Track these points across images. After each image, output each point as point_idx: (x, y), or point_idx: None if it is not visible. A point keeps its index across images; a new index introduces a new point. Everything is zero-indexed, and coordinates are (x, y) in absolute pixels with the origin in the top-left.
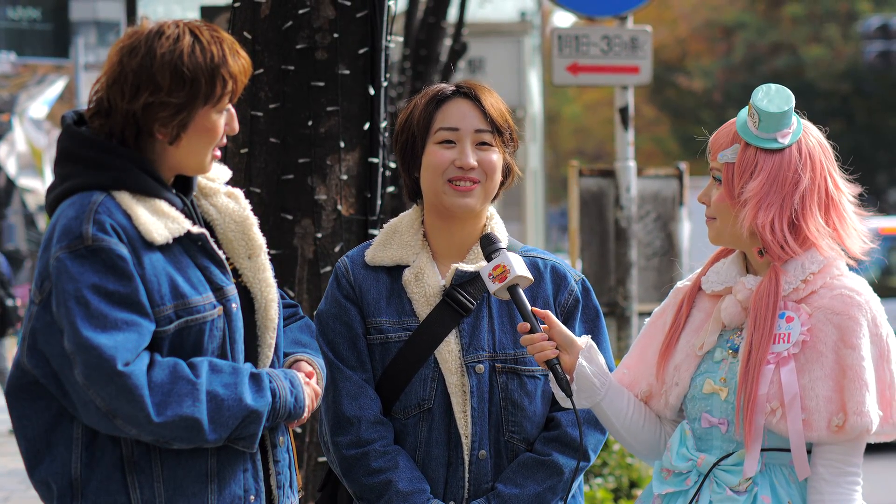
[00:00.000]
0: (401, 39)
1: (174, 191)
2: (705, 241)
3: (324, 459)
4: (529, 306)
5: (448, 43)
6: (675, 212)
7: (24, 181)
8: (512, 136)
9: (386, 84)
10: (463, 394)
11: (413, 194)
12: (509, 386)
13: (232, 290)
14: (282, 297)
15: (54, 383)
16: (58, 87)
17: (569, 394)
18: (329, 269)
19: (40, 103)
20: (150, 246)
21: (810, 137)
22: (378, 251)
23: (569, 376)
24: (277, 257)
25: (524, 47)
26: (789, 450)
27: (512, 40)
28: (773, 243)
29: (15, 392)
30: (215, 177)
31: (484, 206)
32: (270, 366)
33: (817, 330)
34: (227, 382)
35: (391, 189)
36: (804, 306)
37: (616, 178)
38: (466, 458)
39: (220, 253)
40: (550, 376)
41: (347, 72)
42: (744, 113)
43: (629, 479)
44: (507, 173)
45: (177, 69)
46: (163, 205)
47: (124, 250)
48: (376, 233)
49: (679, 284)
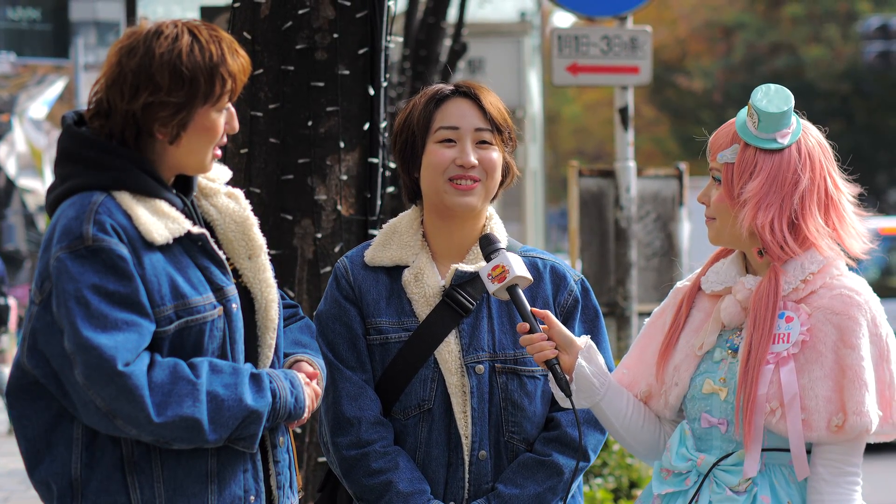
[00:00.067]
0: (400, 40)
1: (174, 191)
2: (705, 242)
3: (323, 460)
4: (529, 306)
5: (448, 43)
6: (674, 212)
7: (24, 181)
8: (511, 135)
9: (386, 84)
10: (463, 394)
11: (412, 195)
12: (509, 386)
13: (232, 290)
14: (282, 297)
15: (54, 383)
16: (57, 87)
17: (568, 394)
18: (329, 269)
19: (40, 104)
20: (151, 246)
21: (810, 137)
22: (377, 251)
23: (568, 376)
24: (277, 257)
25: (524, 47)
26: (789, 450)
27: (512, 40)
28: (773, 243)
29: (15, 392)
30: (215, 177)
31: (484, 206)
32: (270, 366)
33: (817, 330)
34: (228, 383)
35: (391, 189)
36: (804, 306)
37: (616, 178)
38: (466, 458)
39: (220, 253)
40: (550, 376)
41: (347, 72)
42: (743, 113)
43: (629, 480)
44: (505, 172)
45: (176, 69)
46: (163, 205)
47: (124, 250)
48: (376, 233)
49: (679, 284)
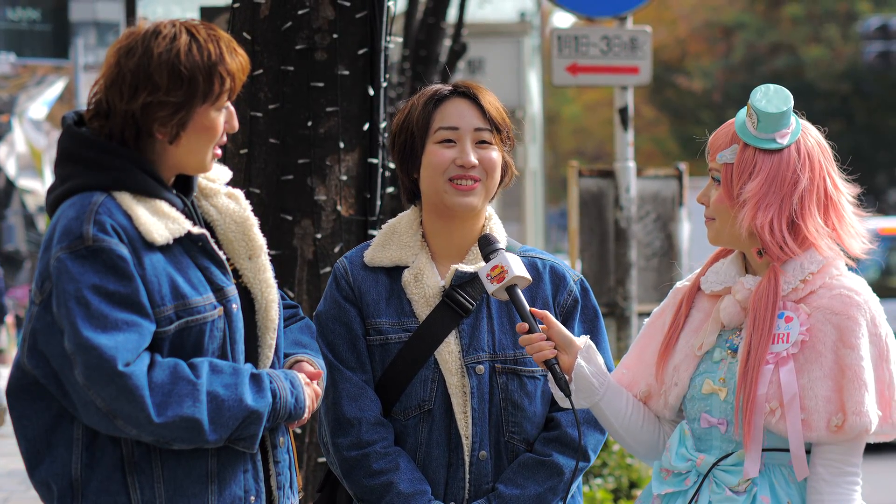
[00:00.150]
0: (400, 40)
1: (174, 191)
2: (705, 242)
3: (323, 460)
4: (528, 306)
5: (448, 43)
6: (674, 212)
7: (24, 182)
8: (509, 135)
9: (385, 85)
10: (463, 395)
11: (411, 195)
12: (509, 386)
13: (232, 290)
14: (282, 297)
15: (54, 384)
16: (57, 87)
17: (567, 394)
18: (329, 269)
19: (40, 104)
20: (151, 246)
21: (809, 138)
22: (377, 252)
23: (567, 376)
24: (277, 258)
25: (524, 48)
26: (788, 450)
27: (511, 41)
28: (772, 243)
29: (15, 392)
30: (216, 177)
31: (484, 206)
32: (271, 366)
33: (816, 330)
34: (228, 383)
35: (391, 189)
36: (803, 306)
37: (616, 178)
38: (467, 458)
39: (220, 253)
40: (549, 376)
41: (347, 72)
42: (742, 113)
43: (629, 480)
44: (504, 172)
45: (174, 68)
46: (163, 205)
47: (125, 251)
48: (376, 233)
49: (678, 284)
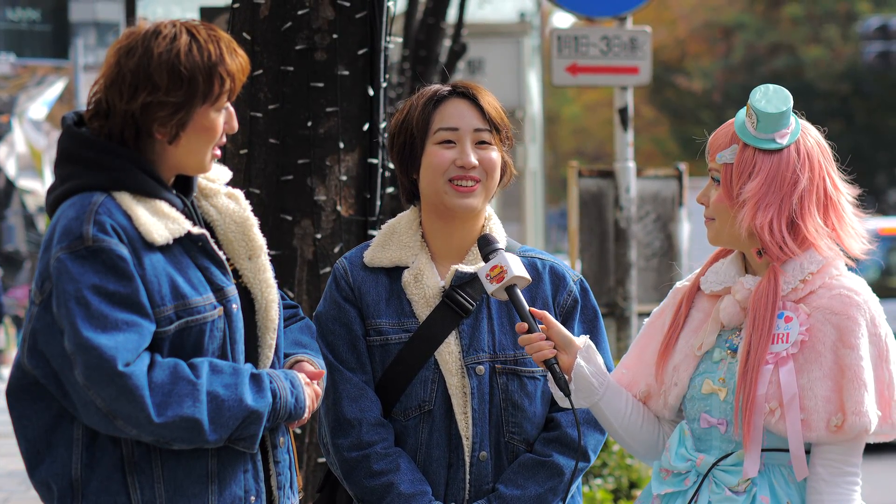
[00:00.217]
0: (400, 40)
1: (174, 191)
2: (705, 242)
3: (323, 460)
4: (527, 306)
5: (447, 44)
6: (674, 212)
7: (24, 182)
8: (508, 134)
9: (385, 85)
10: (463, 395)
11: (410, 195)
12: (509, 387)
13: (232, 290)
14: (282, 297)
15: (54, 384)
16: (57, 88)
17: (567, 393)
18: (328, 269)
19: (40, 104)
20: (151, 246)
21: (809, 138)
22: (377, 252)
23: (567, 376)
24: (277, 258)
25: (523, 48)
26: (788, 450)
27: (511, 41)
28: (772, 244)
29: (15, 393)
30: (215, 177)
31: (484, 206)
32: (271, 367)
33: (816, 330)
34: (228, 383)
35: (391, 190)
36: (803, 306)
37: (615, 178)
38: (467, 459)
39: (220, 253)
40: (549, 376)
41: (347, 72)
42: (742, 113)
43: (629, 480)
44: (503, 171)
45: (174, 68)
46: (163, 205)
47: (125, 251)
48: (376, 233)
49: (678, 285)
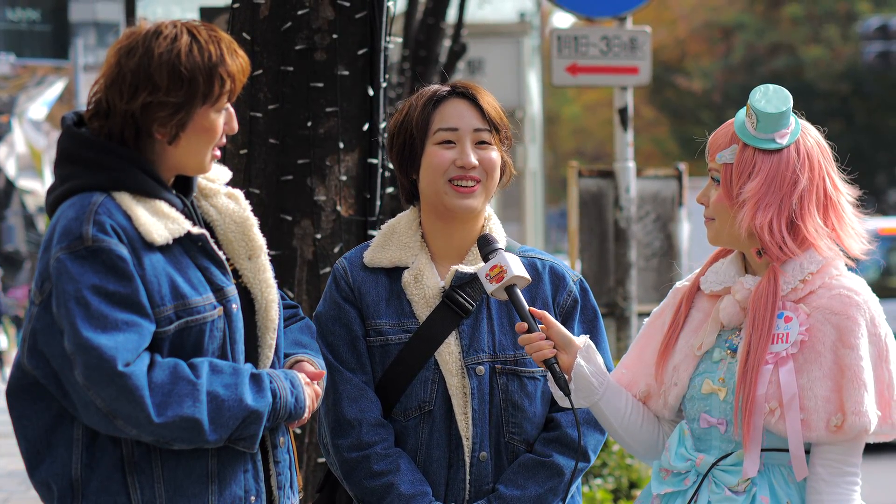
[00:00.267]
0: (400, 40)
1: (174, 191)
2: (704, 242)
3: (323, 460)
4: (527, 306)
5: (447, 44)
6: (674, 212)
7: (24, 182)
8: (507, 134)
9: (385, 85)
10: (464, 395)
11: (410, 196)
12: (509, 387)
13: (232, 290)
14: (282, 297)
15: (54, 384)
16: (57, 88)
17: (567, 393)
18: (328, 270)
19: (39, 104)
20: (151, 246)
21: (808, 138)
22: (376, 253)
23: (567, 376)
24: (277, 258)
25: (523, 48)
26: (788, 450)
27: (511, 41)
28: (772, 244)
29: (15, 393)
30: (215, 177)
31: (483, 206)
32: (271, 366)
33: (816, 330)
34: (228, 383)
35: (390, 190)
36: (803, 306)
37: (615, 178)
38: (467, 459)
39: (220, 253)
40: (549, 376)
41: (346, 73)
42: (742, 113)
43: (629, 480)
44: (502, 171)
45: (174, 68)
46: (163, 205)
47: (124, 251)
48: (376, 234)
49: (678, 284)
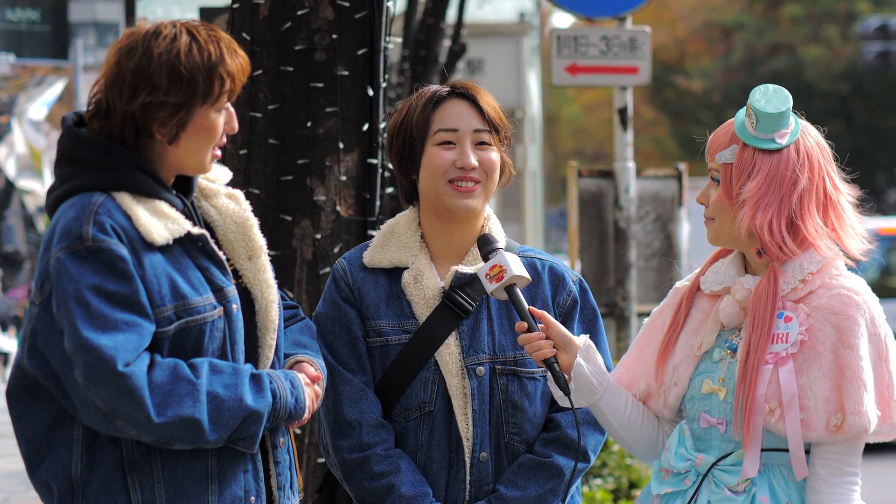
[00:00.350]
0: (399, 40)
1: (174, 192)
2: (704, 242)
3: (323, 461)
4: (527, 306)
5: (447, 44)
6: (674, 212)
7: (24, 183)
8: (507, 135)
9: (385, 85)
10: (464, 396)
11: (409, 196)
12: (509, 388)
13: (232, 290)
14: (282, 298)
15: (54, 384)
16: (57, 88)
17: (567, 393)
18: (328, 270)
19: (39, 105)
20: (151, 247)
21: (808, 138)
22: (376, 253)
23: (567, 375)
24: (276, 258)
25: (523, 48)
26: (788, 450)
27: (511, 41)
28: (772, 244)
29: (15, 393)
30: (216, 178)
31: (483, 207)
32: (271, 367)
33: (816, 330)
34: (228, 383)
35: (390, 190)
36: (802, 306)
37: (615, 178)
38: (467, 460)
39: (220, 254)
40: (548, 375)
41: (346, 73)
42: (742, 113)
43: (628, 480)
44: (502, 171)
45: (174, 68)
46: (163, 206)
47: (124, 251)
48: (375, 234)
49: (678, 284)
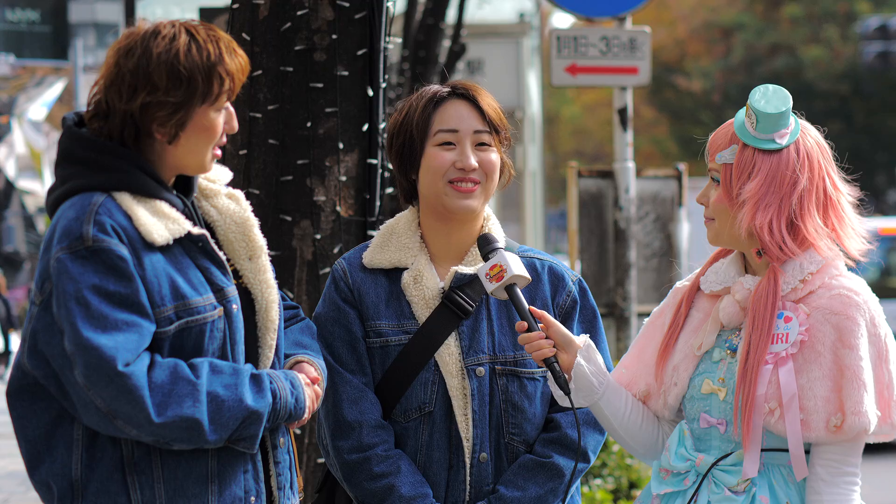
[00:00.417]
0: (399, 41)
1: (175, 192)
2: (704, 242)
3: (322, 461)
4: (527, 305)
5: (447, 44)
6: (673, 213)
7: (24, 183)
8: (507, 135)
9: (384, 85)
10: (464, 397)
11: (409, 196)
12: (509, 388)
13: (232, 291)
14: (283, 298)
15: (55, 384)
16: (56, 88)
17: (567, 392)
18: (328, 270)
19: (39, 105)
20: (151, 247)
21: (808, 138)
22: (376, 253)
23: (567, 375)
24: (276, 259)
25: (523, 48)
26: (787, 450)
27: (510, 41)
28: (772, 244)
29: (15, 393)
30: (216, 178)
31: (483, 207)
32: (271, 367)
33: (815, 330)
34: (228, 383)
35: (390, 190)
36: (802, 306)
37: (615, 179)
38: (468, 461)
39: (220, 254)
40: (549, 375)
41: (346, 73)
42: (742, 114)
43: (628, 480)
44: (501, 172)
45: (173, 68)
46: (163, 206)
47: (125, 251)
48: (375, 234)
49: (678, 284)
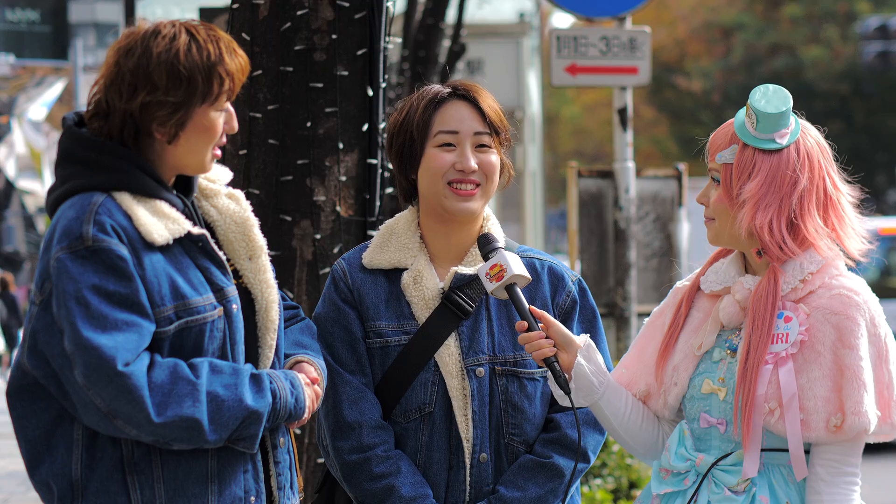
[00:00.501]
0: (399, 41)
1: (175, 192)
2: (704, 242)
3: (322, 461)
4: (527, 305)
5: (447, 44)
6: (673, 212)
7: (24, 183)
8: (507, 136)
9: (384, 85)
10: (464, 397)
11: (408, 196)
12: (509, 388)
13: (232, 290)
14: (283, 298)
15: (54, 384)
16: (56, 88)
17: (567, 392)
18: (328, 270)
19: (39, 105)
20: (151, 247)
21: (808, 137)
22: (375, 254)
23: (567, 375)
24: (276, 258)
25: (523, 48)
26: (787, 450)
27: (510, 41)
28: (772, 244)
29: (15, 393)
30: (216, 178)
31: (482, 209)
32: (271, 367)
33: (815, 330)
34: (228, 383)
35: (390, 190)
36: (802, 306)
37: (615, 179)
38: (468, 461)
39: (220, 254)
40: (549, 375)
41: (346, 73)
42: (742, 113)
43: (628, 480)
44: (501, 173)
45: (173, 68)
46: (163, 206)
47: (125, 251)
48: (375, 234)
49: (678, 284)
